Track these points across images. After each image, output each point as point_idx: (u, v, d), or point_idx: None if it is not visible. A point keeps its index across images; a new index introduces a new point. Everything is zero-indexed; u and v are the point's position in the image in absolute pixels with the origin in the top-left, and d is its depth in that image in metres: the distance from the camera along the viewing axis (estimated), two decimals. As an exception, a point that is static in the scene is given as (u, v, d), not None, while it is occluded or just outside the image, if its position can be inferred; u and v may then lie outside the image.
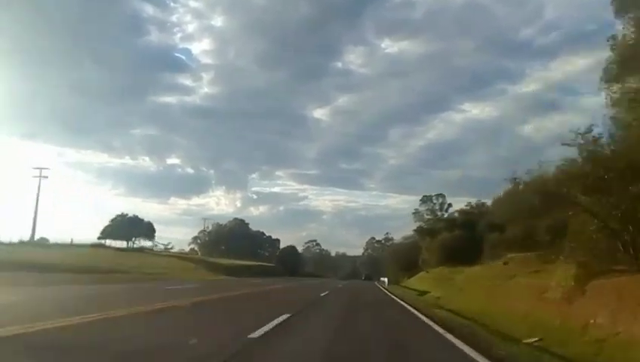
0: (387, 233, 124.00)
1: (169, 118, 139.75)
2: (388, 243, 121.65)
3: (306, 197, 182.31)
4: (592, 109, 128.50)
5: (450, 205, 64.45)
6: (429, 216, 67.37)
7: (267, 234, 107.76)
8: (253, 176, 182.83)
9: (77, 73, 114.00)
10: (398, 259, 69.54)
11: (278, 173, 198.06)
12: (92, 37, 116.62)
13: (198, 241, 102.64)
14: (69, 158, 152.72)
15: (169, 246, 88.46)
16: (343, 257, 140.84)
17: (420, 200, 67.71)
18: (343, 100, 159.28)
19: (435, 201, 66.65)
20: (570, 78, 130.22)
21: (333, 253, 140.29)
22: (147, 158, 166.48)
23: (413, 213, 69.19)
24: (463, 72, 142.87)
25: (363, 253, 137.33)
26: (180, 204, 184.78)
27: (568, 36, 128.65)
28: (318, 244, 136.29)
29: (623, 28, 12.65)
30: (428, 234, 52.04)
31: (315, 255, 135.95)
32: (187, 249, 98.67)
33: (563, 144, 12.04)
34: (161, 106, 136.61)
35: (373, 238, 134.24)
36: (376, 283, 59.76)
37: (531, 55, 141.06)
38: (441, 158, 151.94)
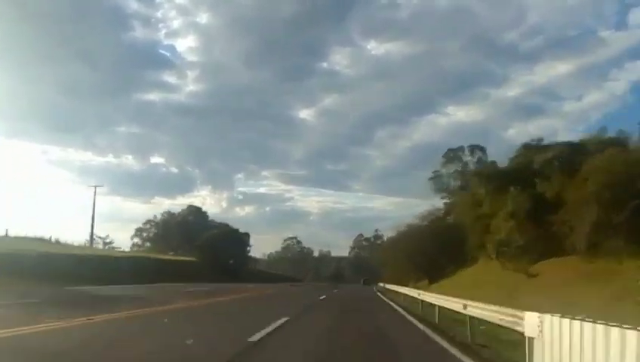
0: (377, 230, 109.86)
1: (153, 116, 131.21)
2: (378, 242, 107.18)
3: (292, 198, 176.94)
4: (574, 114, 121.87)
5: (494, 162, 43.19)
6: (456, 183, 47.13)
7: (234, 227, 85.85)
8: (239, 176, 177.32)
9: (60, 70, 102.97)
10: (407, 254, 45.59)
11: (264, 173, 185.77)
12: (75, 32, 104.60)
13: (144, 235, 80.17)
14: (52, 156, 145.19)
15: (107, 241, 73.02)
16: (326, 257, 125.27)
17: (443, 156, 46.75)
18: (329, 101, 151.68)
19: (467, 158, 45.84)
20: (554, 82, 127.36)
21: (316, 253, 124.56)
22: (130, 157, 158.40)
23: (432, 179, 48.76)
24: (447, 74, 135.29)
25: (350, 253, 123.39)
26: (164, 203, 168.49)
27: (551, 41, 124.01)
28: (299, 242, 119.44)
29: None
30: (513, 182, 25.76)
31: (295, 254, 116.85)
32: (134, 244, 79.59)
33: None
34: (145, 104, 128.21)
35: (361, 235, 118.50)
36: (375, 288, 39.21)
37: (516, 59, 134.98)
38: (427, 160, 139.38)
